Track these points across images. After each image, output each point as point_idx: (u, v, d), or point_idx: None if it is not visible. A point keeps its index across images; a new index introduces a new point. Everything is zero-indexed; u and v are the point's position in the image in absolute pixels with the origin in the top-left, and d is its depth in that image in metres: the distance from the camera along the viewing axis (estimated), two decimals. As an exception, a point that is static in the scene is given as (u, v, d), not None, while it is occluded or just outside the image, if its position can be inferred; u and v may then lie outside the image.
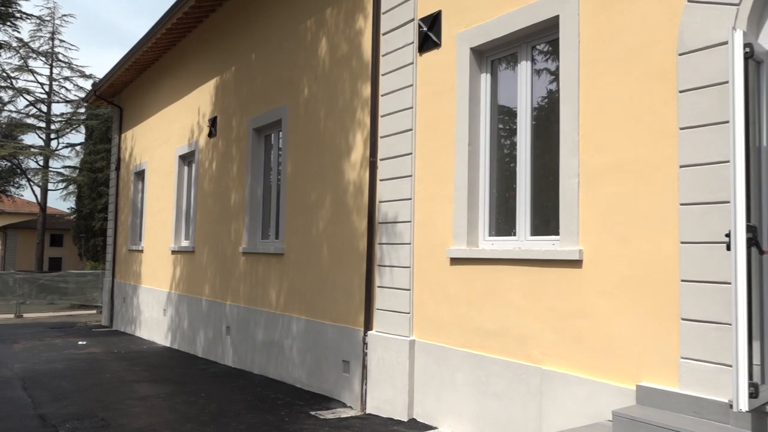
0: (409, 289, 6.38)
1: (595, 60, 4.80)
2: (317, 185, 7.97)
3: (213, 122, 10.86)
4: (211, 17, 11.21)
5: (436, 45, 6.29)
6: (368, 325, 6.84)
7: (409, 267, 6.39)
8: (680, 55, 4.21)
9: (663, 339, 4.23)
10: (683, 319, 4.09)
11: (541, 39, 5.46)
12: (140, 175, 14.97)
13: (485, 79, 5.96)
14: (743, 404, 3.41)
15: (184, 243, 12.14)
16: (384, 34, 6.93)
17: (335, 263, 7.52)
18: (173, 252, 12.27)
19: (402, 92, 6.63)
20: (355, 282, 7.17)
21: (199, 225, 11.22)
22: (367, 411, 6.70)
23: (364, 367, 6.80)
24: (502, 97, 5.88)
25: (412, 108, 6.50)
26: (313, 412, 6.71)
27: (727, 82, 3.92)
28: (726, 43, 3.94)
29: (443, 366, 5.94)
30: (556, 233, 5.19)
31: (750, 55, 3.63)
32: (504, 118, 5.85)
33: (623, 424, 4.03)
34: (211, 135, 10.92)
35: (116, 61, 24.33)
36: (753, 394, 3.45)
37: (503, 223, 5.76)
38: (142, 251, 14.15)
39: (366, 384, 6.77)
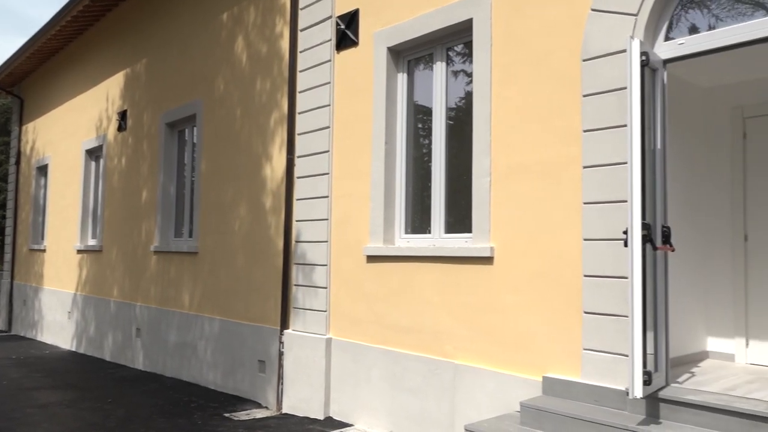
0: (326, 287, 6.36)
1: (507, 63, 4.96)
2: (233, 183, 7.80)
3: (123, 116, 10.40)
4: (122, 6, 10.73)
5: (354, 43, 6.30)
6: (284, 324, 6.76)
7: (326, 265, 6.37)
8: (584, 60, 4.42)
9: (567, 332, 4.43)
10: (586, 313, 4.29)
11: (456, 41, 5.59)
12: (43, 169, 14.13)
13: (402, 78, 6.03)
14: (638, 391, 3.62)
15: (91, 242, 11.57)
16: (302, 30, 6.88)
17: (251, 262, 7.39)
18: (79, 251, 11.66)
19: (319, 89, 6.60)
20: (271, 281, 7.07)
21: (107, 223, 10.72)
22: (284, 411, 6.62)
23: (281, 366, 6.72)
24: (419, 97, 5.96)
25: (329, 105, 6.48)
26: (227, 414, 6.57)
27: (625, 88, 4.14)
28: (625, 51, 4.17)
29: (359, 363, 5.96)
30: (469, 231, 5.32)
31: (646, 63, 3.85)
32: (421, 117, 5.94)
33: (530, 414, 4.18)
34: (120, 129, 10.46)
35: (15, 49, 22.79)
36: (647, 382, 3.67)
37: (419, 221, 5.85)
38: (44, 251, 13.36)
39: (282, 384, 6.69)
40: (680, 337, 5.19)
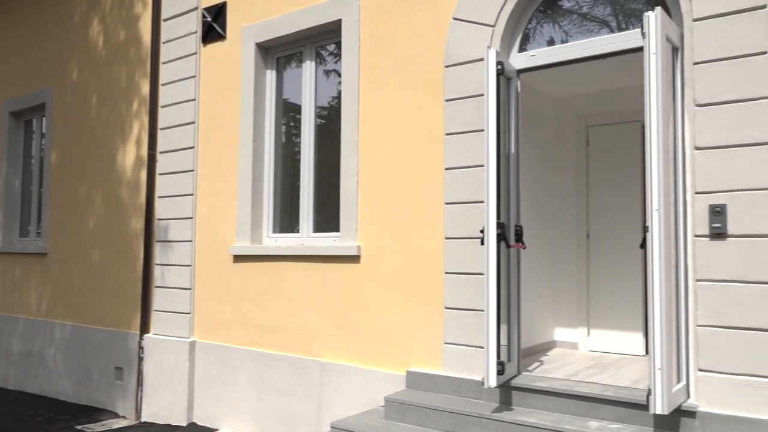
0: (190, 289, 6.12)
1: (374, 65, 5.06)
2: (88, 178, 7.28)
3: (-42, 102, 9.34)
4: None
5: (221, 37, 6.12)
6: (145, 329, 6.43)
7: (190, 265, 6.14)
8: (447, 67, 4.61)
9: (430, 327, 4.60)
10: (446, 308, 4.49)
11: (326, 41, 5.61)
12: None
13: (271, 75, 5.95)
14: (492, 381, 3.84)
15: None
16: (165, 20, 6.57)
17: (108, 263, 6.95)
18: None
19: (184, 83, 6.35)
20: (130, 283, 6.69)
21: (-62, 221, 9.59)
22: (143, 419, 6.29)
23: (140, 372, 6.38)
24: (289, 95, 5.92)
25: (195, 100, 6.25)
26: (79, 427, 6.13)
27: (483, 95, 4.38)
28: (483, 59, 4.41)
29: (225, 365, 5.81)
30: (338, 230, 5.37)
31: (501, 72, 4.10)
32: (292, 116, 5.90)
33: (394, 408, 4.30)
34: (-46, 117, 9.39)
35: None
36: (500, 372, 3.91)
37: (287, 220, 5.81)
38: None
39: (141, 391, 6.36)
40: (531, 328, 5.59)
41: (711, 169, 3.49)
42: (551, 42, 4.34)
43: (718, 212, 3.45)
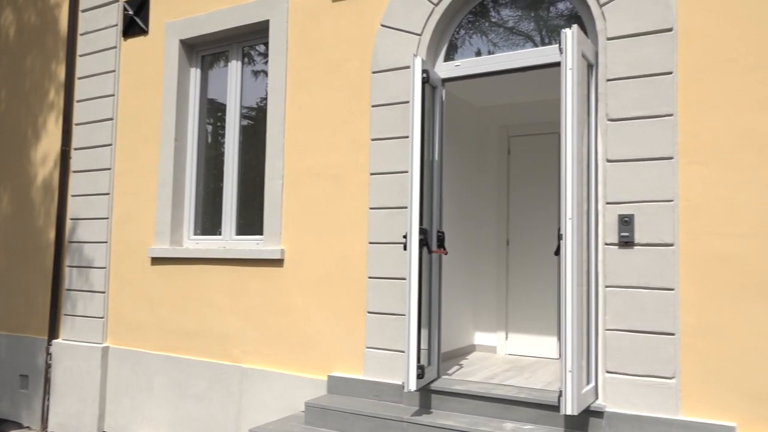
0: (104, 292, 5.87)
1: (302, 68, 5.03)
2: (-6, 174, 6.87)
3: None
4: None
5: (143, 32, 5.93)
6: (53, 334, 6.11)
7: (105, 267, 5.89)
8: (374, 73, 4.64)
9: (352, 331, 4.61)
10: (369, 312, 4.51)
11: (253, 41, 5.53)
12: None
13: (195, 73, 5.80)
14: (412, 384, 3.89)
15: None
16: (84, 11, 6.30)
17: (14, 265, 6.56)
18: None
19: (103, 77, 6.10)
20: (38, 285, 6.34)
21: None
22: (50, 429, 5.97)
23: (47, 380, 6.05)
24: (213, 95, 5.79)
25: (113, 96, 6.02)
26: (-23, 438, 5.75)
27: (408, 102, 4.44)
28: (409, 67, 4.47)
29: (140, 372, 5.60)
30: (261, 233, 5.29)
31: (426, 80, 4.17)
32: (215, 116, 5.77)
33: (314, 413, 4.28)
34: None
35: None
36: (420, 375, 3.96)
37: (210, 222, 5.68)
38: None
39: (49, 399, 6.03)
40: (452, 332, 5.69)
41: (620, 181, 3.68)
42: (478, 53, 4.45)
43: (626, 222, 3.64)
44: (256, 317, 5.06)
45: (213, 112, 5.78)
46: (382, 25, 4.63)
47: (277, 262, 4.99)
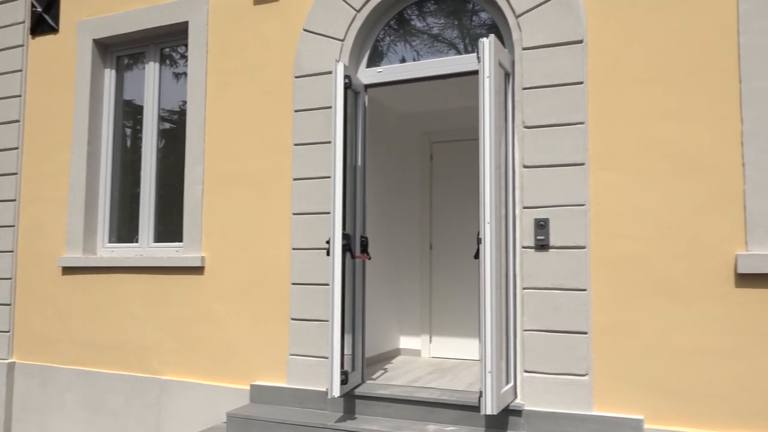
0: (9, 304, 5.54)
1: (223, 71, 4.93)
2: None
3: None
4: None
5: (53, 30, 5.65)
6: (-47, 350, 5.70)
7: (10, 278, 5.56)
8: (296, 77, 4.61)
9: (276, 339, 4.54)
10: (292, 319, 4.46)
11: (172, 42, 5.37)
12: None
13: (110, 74, 5.58)
14: (336, 391, 3.87)
15: None
16: (-14, 6, 5.93)
17: None
18: None
19: (8, 77, 5.76)
20: (-64, 298, 5.90)
21: None
22: (-52, 453, 5.56)
23: (-54, 400, 5.64)
24: (131, 97, 5.58)
25: (20, 96, 5.70)
26: None
27: (331, 107, 4.44)
28: (331, 72, 4.47)
29: (50, 388, 5.31)
30: (181, 240, 5.14)
31: (349, 86, 4.18)
32: (134, 118, 5.56)
33: (236, 423, 4.18)
34: None
35: None
36: (344, 381, 3.95)
37: (126, 229, 5.46)
38: None
39: (-53, 421, 5.62)
40: (377, 337, 5.72)
41: (536, 186, 3.81)
42: (403, 60, 4.50)
43: (542, 226, 3.77)
44: (176, 327, 4.91)
45: (131, 114, 5.57)
46: (305, 30, 4.61)
47: (198, 270, 4.86)
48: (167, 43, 5.39)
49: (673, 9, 3.61)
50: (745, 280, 3.36)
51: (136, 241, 5.35)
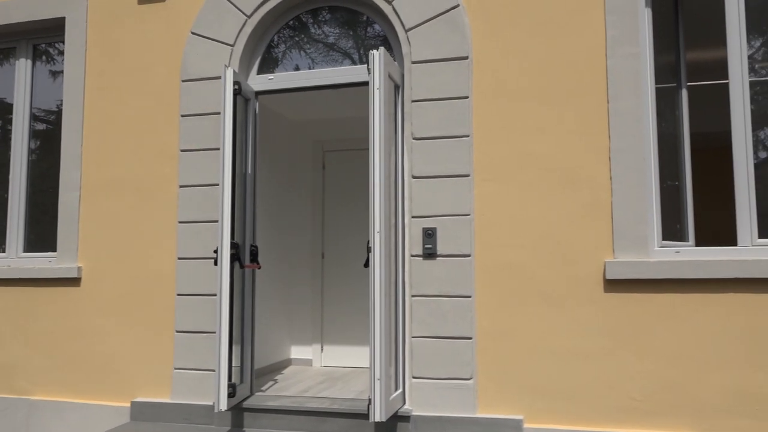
0: None
1: (103, 72, 4.68)
2: None
3: None
4: None
5: None
6: None
7: None
8: (183, 81, 4.46)
9: (159, 353, 4.35)
10: (177, 332, 4.29)
11: (46, 38, 5.03)
12: None
13: (-27, 70, 5.13)
14: (223, 404, 3.76)
15: None
16: None
17: None
18: None
19: None
20: None
21: None
22: None
23: None
24: (6, 95, 5.16)
25: None
26: None
27: (219, 113, 4.33)
28: (220, 77, 4.36)
29: None
30: (54, 250, 4.80)
31: (239, 92, 4.10)
32: (8, 119, 5.13)
33: (115, 444, 3.96)
34: None
35: None
36: (231, 394, 3.85)
37: (-10, 238, 5.02)
38: None
39: None
40: (267, 347, 5.62)
41: (424, 196, 3.91)
42: (297, 67, 4.47)
43: (429, 235, 3.87)
44: (47, 343, 4.57)
45: (2, 114, 5.14)
46: (193, 33, 4.47)
47: (73, 281, 4.56)
48: (41, 38, 5.04)
49: (550, 31, 3.86)
50: (613, 285, 3.63)
51: (3, 251, 4.94)
